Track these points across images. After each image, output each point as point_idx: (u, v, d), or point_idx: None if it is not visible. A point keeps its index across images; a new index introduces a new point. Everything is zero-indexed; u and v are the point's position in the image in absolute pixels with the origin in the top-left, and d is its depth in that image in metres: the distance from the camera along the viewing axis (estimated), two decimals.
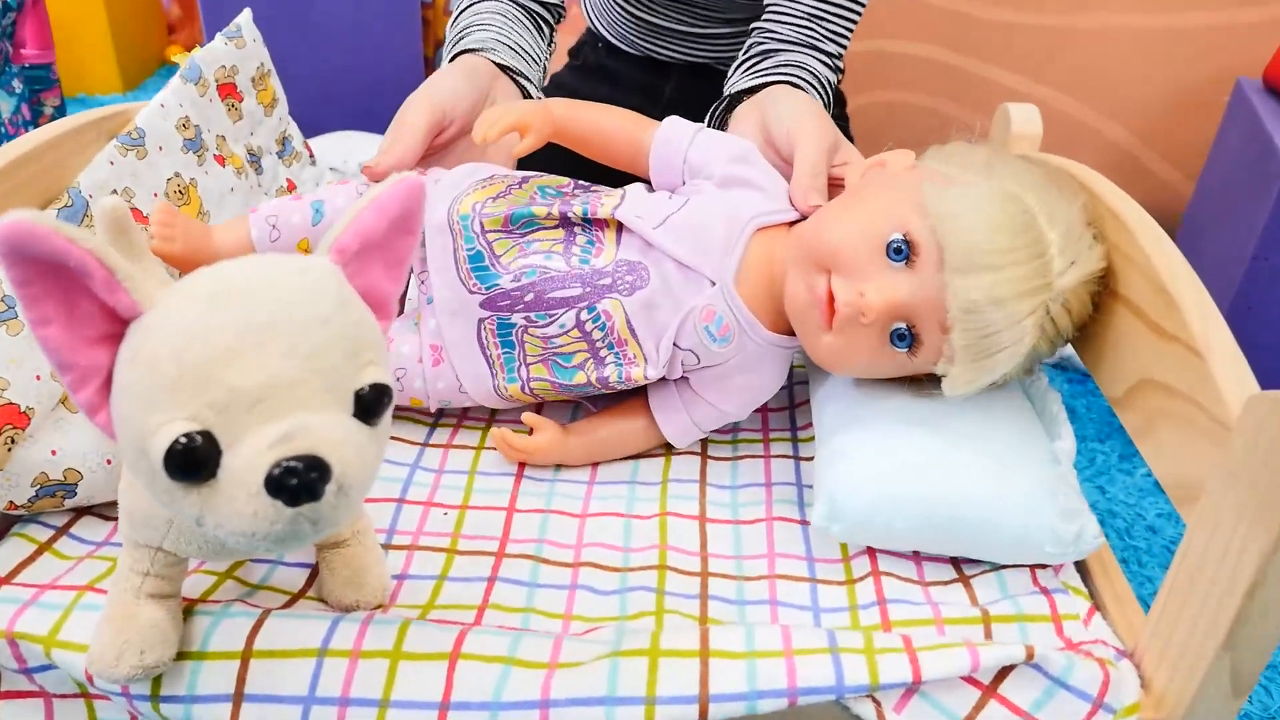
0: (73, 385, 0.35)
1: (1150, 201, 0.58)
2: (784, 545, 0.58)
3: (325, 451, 0.33)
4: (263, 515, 0.33)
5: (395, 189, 0.39)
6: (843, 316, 0.55)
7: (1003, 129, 0.76)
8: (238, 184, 0.73)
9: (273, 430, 0.33)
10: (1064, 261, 0.53)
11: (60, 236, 0.32)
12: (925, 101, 1.47)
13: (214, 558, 0.46)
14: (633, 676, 0.44)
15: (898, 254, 0.54)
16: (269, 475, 0.32)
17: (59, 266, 0.32)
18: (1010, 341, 0.52)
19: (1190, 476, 0.45)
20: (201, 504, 0.34)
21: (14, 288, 0.32)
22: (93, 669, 0.44)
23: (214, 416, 0.33)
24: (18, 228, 0.31)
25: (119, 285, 0.33)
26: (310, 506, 0.33)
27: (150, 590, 0.45)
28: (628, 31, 0.96)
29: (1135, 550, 0.95)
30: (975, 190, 0.53)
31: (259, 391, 0.33)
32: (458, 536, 0.58)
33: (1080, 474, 1.05)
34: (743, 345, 0.61)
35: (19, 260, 0.32)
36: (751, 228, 0.60)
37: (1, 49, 1.13)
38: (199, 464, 0.33)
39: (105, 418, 0.36)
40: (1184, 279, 0.48)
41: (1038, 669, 0.45)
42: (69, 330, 0.34)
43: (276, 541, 0.34)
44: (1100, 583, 0.55)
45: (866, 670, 0.44)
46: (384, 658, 0.45)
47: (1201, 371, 0.44)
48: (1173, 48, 1.38)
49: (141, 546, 0.44)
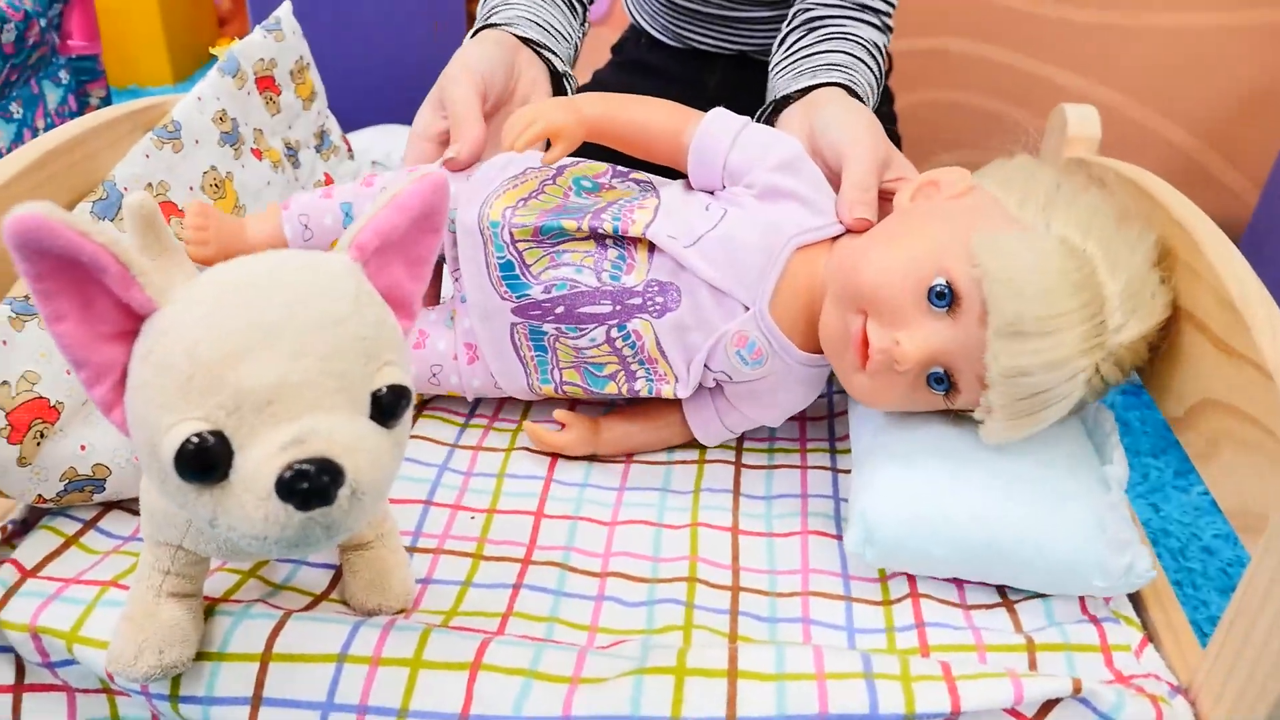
0: (87, 382, 0.34)
1: (1214, 208, 0.55)
2: (819, 561, 0.56)
3: (338, 455, 0.32)
4: (273, 519, 0.32)
5: (417, 186, 0.38)
6: (876, 363, 0.52)
7: (1059, 130, 0.73)
8: (274, 178, 0.72)
9: (284, 432, 0.32)
10: (1122, 316, 0.49)
11: (73, 231, 0.31)
12: (981, 101, 1.43)
13: (232, 558, 0.46)
14: (658, 695, 0.43)
15: (940, 299, 0.50)
16: (279, 479, 0.32)
17: (73, 261, 0.32)
18: (1053, 401, 0.49)
19: (1255, 505, 0.43)
20: (214, 505, 0.33)
21: (28, 282, 0.32)
22: (111, 668, 0.43)
23: (225, 417, 0.32)
24: (30, 221, 0.30)
25: (134, 281, 0.33)
26: (322, 511, 0.32)
27: (171, 589, 0.44)
28: (668, 22, 0.94)
29: (1190, 573, 0.91)
30: (1030, 243, 0.49)
31: (270, 392, 0.32)
32: (484, 541, 0.57)
33: (1133, 490, 1.01)
34: (776, 366, 0.59)
35: (32, 254, 0.31)
36: (791, 247, 0.57)
37: (48, 40, 1.15)
38: (210, 465, 0.32)
39: (120, 415, 0.35)
40: (1254, 295, 0.46)
41: (1085, 703, 0.43)
42: (83, 326, 0.33)
43: (288, 546, 0.33)
44: (1154, 612, 0.52)
45: (903, 698, 0.43)
46: (404, 665, 0.45)
47: (1271, 394, 0.42)
48: (1238, 47, 1.32)
49: (163, 545, 0.44)
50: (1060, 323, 0.47)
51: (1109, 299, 0.49)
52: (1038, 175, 0.54)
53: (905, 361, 0.51)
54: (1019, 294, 0.47)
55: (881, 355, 0.52)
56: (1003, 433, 0.51)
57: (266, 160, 0.72)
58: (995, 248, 0.49)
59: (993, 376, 0.48)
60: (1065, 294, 0.48)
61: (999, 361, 0.48)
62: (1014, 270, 0.48)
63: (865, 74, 0.69)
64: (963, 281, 0.50)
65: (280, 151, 0.75)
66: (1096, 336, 0.48)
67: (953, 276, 0.50)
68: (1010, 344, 0.48)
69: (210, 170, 0.66)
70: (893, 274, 0.52)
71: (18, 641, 0.48)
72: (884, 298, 0.52)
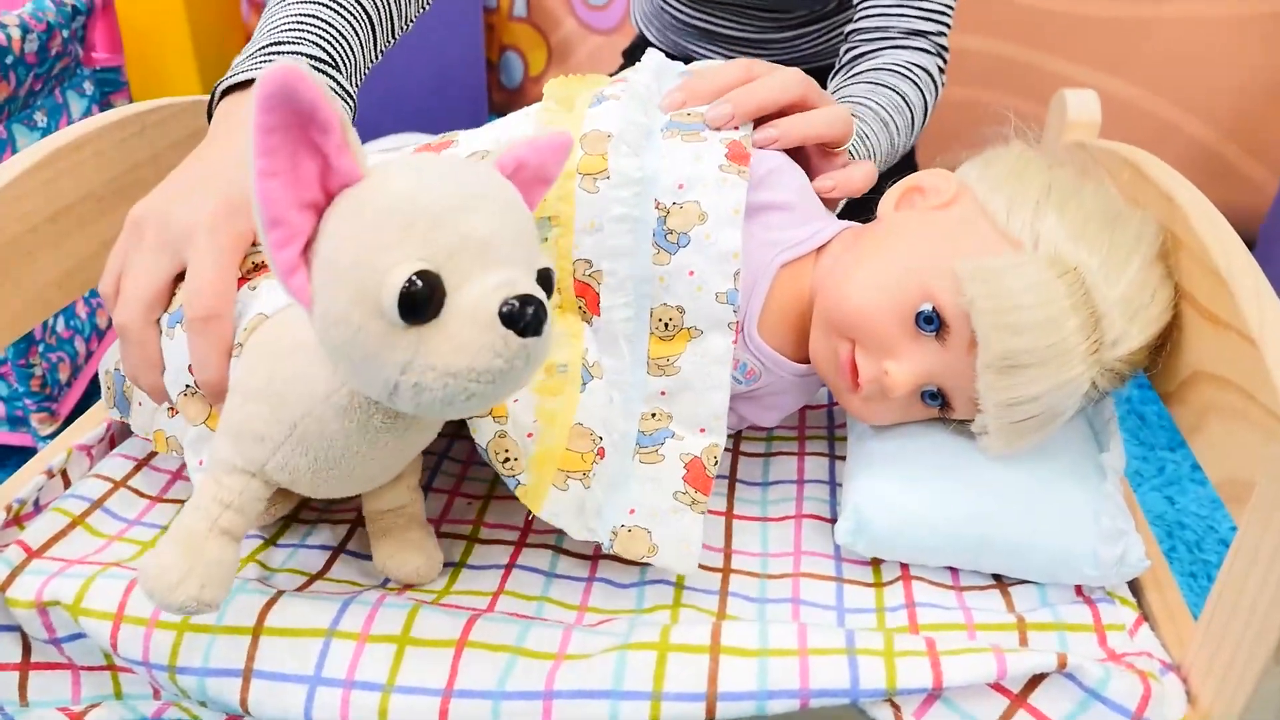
0: (278, 243, 0.36)
1: (1233, 199, 0.55)
2: (811, 543, 0.56)
3: (540, 296, 0.36)
4: (491, 347, 0.35)
5: (552, 139, 0.43)
6: (866, 392, 0.52)
7: (1059, 117, 0.72)
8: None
9: (497, 275, 0.35)
10: (1121, 326, 0.47)
11: (321, 91, 0.34)
12: (997, 99, 1.42)
13: (320, 481, 0.44)
14: (640, 670, 0.43)
15: (928, 323, 0.49)
16: (503, 309, 0.35)
17: (306, 120, 0.34)
18: (1051, 419, 0.48)
19: (1241, 473, 0.42)
20: (417, 344, 0.35)
21: (257, 134, 0.34)
22: (152, 585, 0.41)
23: (446, 259, 0.35)
24: (291, 73, 0.33)
25: (348, 147, 0.35)
26: (534, 340, 0.35)
27: (225, 525, 0.43)
28: (676, 37, 0.94)
29: (1206, 565, 0.89)
30: (1019, 271, 0.47)
31: (485, 242, 0.36)
32: (480, 525, 0.57)
33: (1149, 483, 1.00)
34: (771, 380, 0.58)
35: (277, 105, 0.33)
36: (775, 265, 0.55)
37: (71, 51, 1.18)
38: (429, 301, 0.35)
39: (302, 279, 0.37)
40: (1239, 262, 0.45)
41: (1072, 679, 0.42)
42: (289, 188, 0.35)
43: (492, 380, 0.35)
44: (1151, 594, 0.51)
45: (884, 673, 0.42)
46: (391, 642, 0.45)
47: (1255, 361, 0.41)
48: (1253, 36, 1.30)
49: (237, 472, 0.43)
50: (1053, 352, 0.46)
51: (1105, 314, 0.47)
52: (1028, 176, 0.52)
53: (896, 390, 0.50)
54: (1008, 327, 0.46)
55: (872, 385, 0.51)
56: (1001, 448, 0.50)
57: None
58: (982, 276, 0.47)
59: (985, 405, 0.48)
60: (1057, 323, 0.46)
61: (991, 394, 0.47)
62: (1002, 301, 0.46)
63: (877, 129, 0.67)
64: (949, 309, 0.49)
65: None
66: (1094, 354, 0.47)
67: (939, 303, 0.49)
68: (1001, 378, 0.47)
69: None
70: (877, 303, 0.51)
71: (25, 619, 0.49)
72: (870, 329, 0.51)
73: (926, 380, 0.51)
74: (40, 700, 0.51)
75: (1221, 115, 1.36)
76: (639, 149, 0.53)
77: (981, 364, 0.47)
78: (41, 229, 0.58)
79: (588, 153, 0.52)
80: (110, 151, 0.61)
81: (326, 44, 0.56)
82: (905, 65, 0.73)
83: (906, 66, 0.73)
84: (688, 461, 0.53)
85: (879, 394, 0.52)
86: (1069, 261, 0.47)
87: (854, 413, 0.56)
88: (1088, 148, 0.67)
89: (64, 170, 0.58)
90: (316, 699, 0.44)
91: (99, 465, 0.60)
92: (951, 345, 0.49)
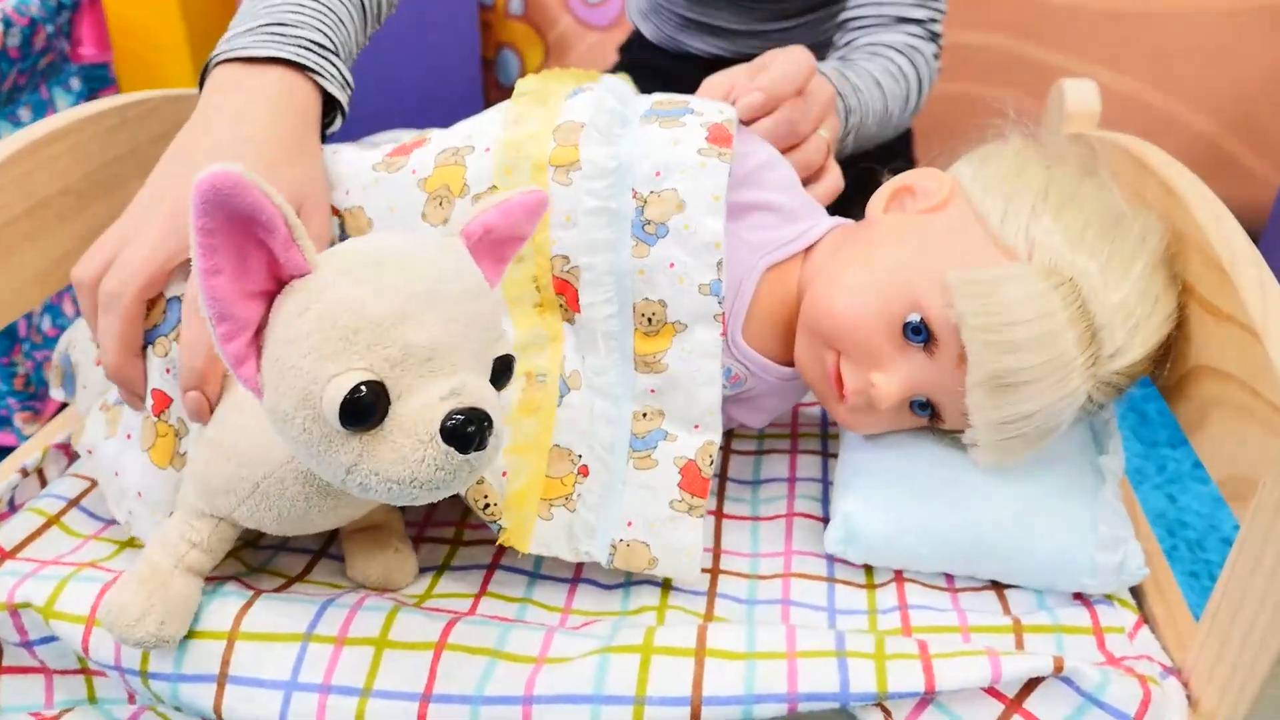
0: (226, 336, 0.36)
1: (1237, 194, 0.53)
2: (803, 543, 0.55)
3: (487, 407, 0.35)
4: (434, 462, 0.35)
5: (523, 199, 0.42)
6: (853, 403, 0.51)
7: (1057, 107, 0.71)
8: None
9: (442, 385, 0.35)
10: (1120, 338, 0.45)
11: (260, 191, 0.33)
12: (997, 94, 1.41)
13: (287, 529, 0.46)
14: (622, 674, 0.42)
15: (916, 334, 0.47)
16: (444, 424, 0.34)
17: (247, 220, 0.34)
18: (1042, 434, 0.46)
19: (1244, 470, 0.41)
20: (360, 451, 0.35)
21: (197, 235, 0.34)
22: (111, 621, 0.43)
23: (389, 369, 0.35)
24: (229, 178, 0.33)
25: (295, 244, 0.35)
26: (477, 454, 0.35)
27: (191, 563, 0.45)
28: (673, 31, 0.93)
29: (1208, 564, 0.88)
30: (1011, 284, 0.44)
31: (430, 350, 0.35)
32: (463, 527, 0.56)
33: (1150, 481, 0.98)
34: (757, 384, 0.56)
35: (214, 209, 0.33)
36: (760, 269, 0.53)
37: (57, 46, 1.17)
38: (373, 410, 0.35)
39: (252, 369, 0.37)
40: (1242, 254, 0.44)
41: (1069, 683, 0.41)
42: (236, 282, 0.35)
43: (433, 488, 0.35)
44: (1151, 595, 0.50)
45: (875, 676, 0.41)
46: (369, 645, 0.44)
47: (1259, 354, 0.40)
48: (1255, 29, 1.29)
49: (205, 517, 0.45)
50: (1048, 368, 0.44)
51: (1104, 324, 0.45)
52: (1024, 176, 0.49)
53: (883, 402, 0.49)
54: (1000, 345, 0.44)
55: (858, 396, 0.50)
56: (992, 461, 0.48)
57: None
58: (973, 290, 0.45)
59: (976, 422, 0.46)
60: (1053, 338, 0.44)
61: (982, 413, 0.46)
62: (993, 318, 0.44)
63: (868, 85, 0.69)
64: (938, 321, 0.47)
65: None
66: (1091, 367, 0.45)
67: (928, 315, 0.47)
68: (992, 397, 0.45)
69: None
70: (863, 313, 0.49)
71: None
72: (855, 340, 0.49)
73: (914, 392, 0.49)
74: (13, 704, 0.50)
75: (1224, 109, 1.34)
76: (612, 137, 0.51)
77: (971, 382, 0.45)
78: (17, 224, 0.56)
79: (560, 143, 0.51)
80: (88, 145, 0.60)
81: (328, 29, 0.55)
82: (899, 44, 0.73)
83: (900, 45, 0.73)
84: (682, 466, 0.51)
85: (865, 405, 0.50)
86: (1066, 271, 0.45)
87: (841, 421, 0.54)
88: (1087, 139, 0.66)
89: (41, 164, 0.57)
90: (292, 704, 0.43)
91: (77, 464, 0.58)
92: (940, 357, 0.48)
